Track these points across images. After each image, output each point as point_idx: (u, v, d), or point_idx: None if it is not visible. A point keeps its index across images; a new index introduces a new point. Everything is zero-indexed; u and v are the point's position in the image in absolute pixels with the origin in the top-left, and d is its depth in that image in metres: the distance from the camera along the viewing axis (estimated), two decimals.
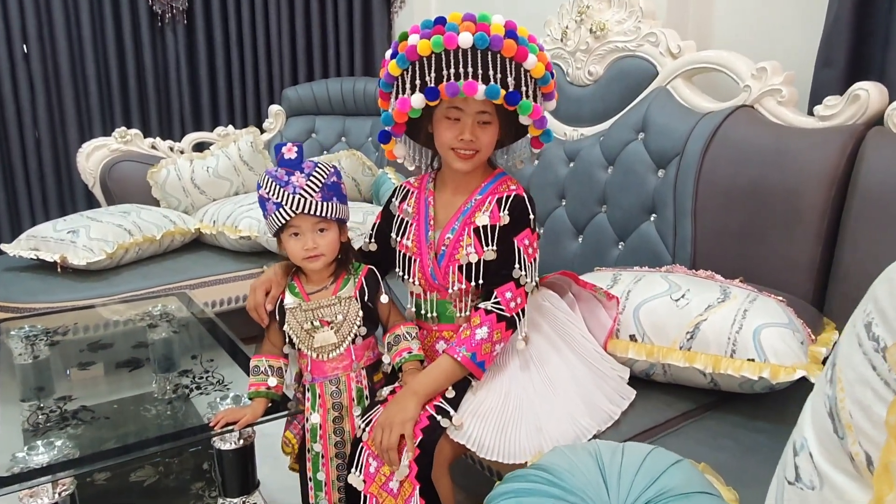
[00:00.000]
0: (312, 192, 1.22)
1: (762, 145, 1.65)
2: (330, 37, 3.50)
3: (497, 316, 1.23)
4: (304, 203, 1.21)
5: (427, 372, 1.24)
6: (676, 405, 1.35)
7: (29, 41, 3.14)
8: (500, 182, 1.33)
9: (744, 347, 1.25)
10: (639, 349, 1.37)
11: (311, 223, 1.24)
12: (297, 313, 1.29)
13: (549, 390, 1.24)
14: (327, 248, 1.26)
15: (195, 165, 2.95)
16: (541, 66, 1.20)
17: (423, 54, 1.18)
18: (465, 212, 1.31)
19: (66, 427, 1.31)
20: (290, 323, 1.29)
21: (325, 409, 1.30)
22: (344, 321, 1.29)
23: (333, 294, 1.30)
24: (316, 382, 1.31)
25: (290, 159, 1.23)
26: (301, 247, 1.25)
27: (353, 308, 1.30)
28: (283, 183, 1.22)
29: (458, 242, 1.30)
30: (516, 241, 1.27)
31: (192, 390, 1.46)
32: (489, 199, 1.30)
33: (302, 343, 1.29)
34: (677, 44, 1.94)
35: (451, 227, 1.32)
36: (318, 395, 1.31)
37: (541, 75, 1.20)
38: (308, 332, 1.29)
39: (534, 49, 1.19)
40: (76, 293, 2.28)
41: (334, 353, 1.29)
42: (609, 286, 1.48)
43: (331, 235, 1.27)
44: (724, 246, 1.69)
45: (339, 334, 1.29)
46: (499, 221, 1.28)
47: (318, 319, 1.28)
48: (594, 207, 2.06)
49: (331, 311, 1.29)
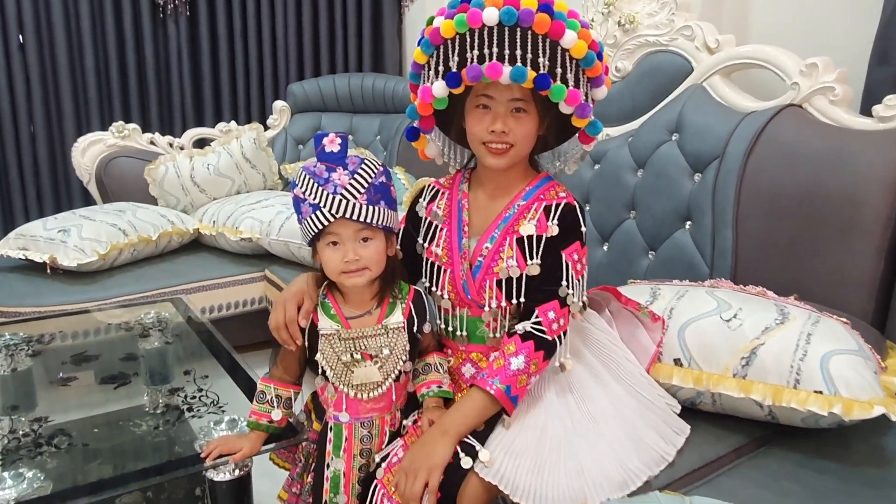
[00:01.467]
0: (356, 193, 1.03)
1: (814, 148, 1.51)
2: (338, 30, 3.39)
3: (535, 343, 1.08)
4: (345, 205, 1.02)
5: (457, 407, 1.09)
6: (727, 439, 1.20)
7: (25, 31, 3.02)
8: (547, 187, 1.18)
9: (809, 377, 1.10)
10: (685, 375, 1.22)
11: (354, 230, 1.05)
12: (335, 342, 1.09)
13: (591, 425, 1.09)
14: (371, 261, 1.06)
15: (195, 162, 2.82)
16: (582, 45, 1.03)
17: (446, 36, 1.05)
18: (506, 219, 1.16)
19: (40, 454, 1.16)
20: (324, 352, 1.09)
21: (351, 454, 1.12)
22: (390, 356, 1.10)
23: (378, 322, 1.11)
24: (344, 423, 1.13)
25: (331, 153, 1.04)
26: (340, 258, 1.05)
27: (400, 340, 1.11)
28: (321, 181, 1.03)
29: (498, 253, 1.14)
30: (564, 254, 1.12)
31: (183, 412, 1.31)
32: (535, 206, 1.15)
33: (337, 378, 1.10)
34: (715, 38, 1.81)
35: (489, 236, 1.16)
36: (344, 438, 1.12)
37: (582, 55, 1.04)
38: (346, 366, 1.09)
39: (574, 25, 1.03)
40: (66, 296, 2.14)
41: (375, 392, 1.10)
42: (648, 302, 1.33)
43: (376, 246, 1.07)
44: (770, 258, 1.54)
45: (384, 370, 1.10)
46: (546, 232, 1.13)
47: (359, 351, 1.09)
48: (622, 213, 1.92)
49: (376, 343, 1.10)
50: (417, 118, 1.15)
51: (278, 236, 2.40)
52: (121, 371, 1.51)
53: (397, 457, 1.10)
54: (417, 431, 1.13)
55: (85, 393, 1.44)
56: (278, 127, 3.24)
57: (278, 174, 3.06)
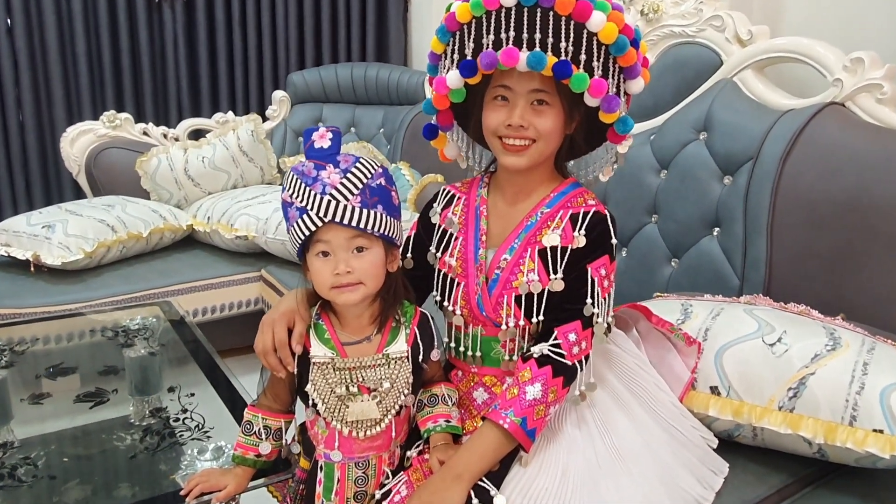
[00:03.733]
0: (348, 195, 0.90)
1: (859, 151, 1.38)
2: (340, 18, 3.29)
3: (553, 368, 0.96)
4: (335, 207, 0.89)
5: (470, 446, 0.96)
6: (769, 479, 1.08)
7: (13, 13, 2.88)
8: (574, 194, 1.06)
9: (868, 414, 0.98)
10: (723, 406, 1.09)
11: (346, 237, 0.92)
12: (329, 372, 0.96)
13: (619, 465, 0.97)
14: (366, 275, 0.93)
15: (189, 155, 2.70)
16: (612, 28, 0.92)
17: (462, 21, 0.95)
18: (527, 227, 1.04)
19: (2, 488, 1.04)
20: (316, 383, 0.96)
21: (344, 498, 0.99)
22: (391, 389, 0.97)
23: (379, 350, 0.98)
24: (336, 463, 0.99)
25: (321, 149, 0.92)
26: (331, 271, 0.92)
27: (403, 372, 0.98)
28: (309, 180, 0.91)
29: (518, 266, 1.02)
30: (591, 269, 1.00)
31: (164, 437, 1.19)
32: (560, 214, 1.03)
33: (330, 412, 0.96)
34: (748, 29, 1.67)
35: (508, 246, 1.04)
36: (336, 480, 0.99)
37: (612, 40, 0.92)
38: (341, 400, 0.96)
39: (603, 6, 0.92)
40: (48, 297, 2.03)
41: (373, 430, 0.98)
42: (679, 321, 1.20)
43: (371, 258, 0.94)
44: (809, 272, 1.42)
45: (383, 406, 0.97)
46: (572, 243, 1.01)
47: (356, 384, 0.96)
48: (642, 217, 1.79)
49: (375, 375, 0.97)
50: (434, 113, 1.04)
51: (275, 235, 2.28)
52: (98, 387, 1.38)
53: (400, 495, 0.98)
54: (423, 465, 1.01)
55: (59, 412, 1.32)
56: (277, 118, 3.12)
57: (277, 168, 2.93)
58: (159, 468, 1.11)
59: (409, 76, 2.89)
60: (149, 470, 1.12)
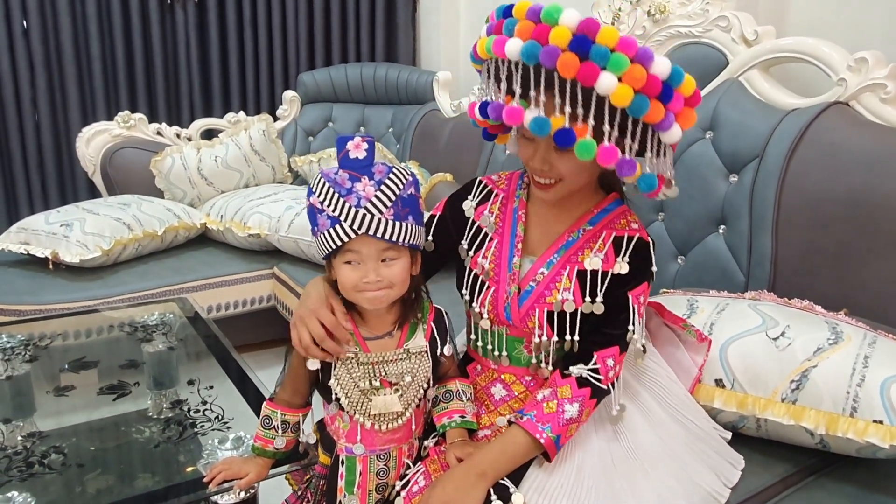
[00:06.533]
0: (382, 208, 0.91)
1: (864, 150, 1.40)
2: (350, 19, 3.31)
3: (592, 391, 0.98)
4: (370, 221, 0.90)
5: (500, 448, 0.97)
6: (773, 468, 1.11)
7: (29, 16, 2.93)
8: (618, 214, 1.05)
9: (868, 405, 1.01)
10: (728, 398, 1.12)
11: (377, 249, 0.93)
12: (353, 366, 0.98)
13: (632, 462, 0.99)
14: (395, 280, 0.95)
15: (202, 154, 2.74)
16: (625, 91, 0.81)
17: (483, 57, 0.95)
18: (568, 243, 1.03)
19: (31, 476, 1.08)
20: (339, 377, 0.98)
21: (366, 490, 1.01)
22: (412, 383, 1.00)
23: (399, 345, 1.00)
24: (358, 456, 1.02)
25: (356, 159, 0.92)
26: (359, 277, 0.94)
27: (423, 366, 1.01)
28: (344, 191, 0.91)
29: (554, 283, 1.02)
30: (631, 296, 1.00)
31: (185, 428, 1.23)
32: (603, 236, 1.03)
33: (353, 406, 0.98)
34: (753, 29, 1.70)
35: (546, 260, 1.04)
36: (358, 473, 1.01)
37: (626, 104, 0.82)
38: (364, 394, 0.98)
39: (617, 64, 0.80)
40: (67, 294, 2.06)
41: (395, 423, 1.00)
42: (686, 316, 1.23)
43: (400, 266, 0.95)
44: (814, 268, 1.44)
45: (404, 399, 0.99)
46: (613, 268, 1.01)
47: (378, 378, 0.99)
48: (649, 214, 1.82)
49: (397, 369, 0.99)
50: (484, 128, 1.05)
51: (287, 233, 2.31)
52: (120, 380, 1.42)
53: (418, 485, 1.01)
54: (440, 456, 1.03)
55: (82, 405, 1.36)
56: (288, 118, 3.15)
57: (288, 167, 2.97)
58: (183, 456, 1.15)
59: (417, 76, 2.91)
60: (173, 457, 1.16)
